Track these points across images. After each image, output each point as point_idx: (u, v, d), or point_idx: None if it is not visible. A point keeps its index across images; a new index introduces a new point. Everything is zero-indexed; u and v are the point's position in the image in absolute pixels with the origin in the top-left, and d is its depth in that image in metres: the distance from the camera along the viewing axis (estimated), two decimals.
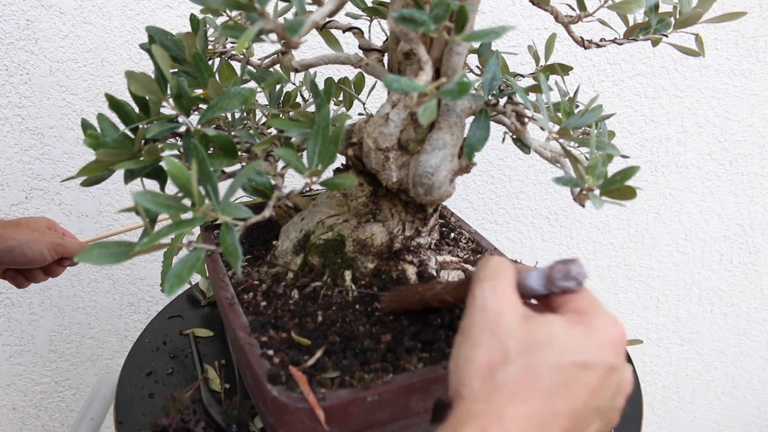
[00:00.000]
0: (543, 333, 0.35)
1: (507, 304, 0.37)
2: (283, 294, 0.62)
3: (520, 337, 0.35)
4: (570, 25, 0.60)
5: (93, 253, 0.38)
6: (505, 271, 0.39)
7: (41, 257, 0.75)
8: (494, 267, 0.39)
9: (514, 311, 0.36)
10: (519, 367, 0.34)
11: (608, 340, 0.36)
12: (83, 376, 1.36)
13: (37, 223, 0.78)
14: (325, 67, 0.64)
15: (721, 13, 0.58)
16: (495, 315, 0.36)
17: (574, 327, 0.36)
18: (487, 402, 0.34)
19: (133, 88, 0.48)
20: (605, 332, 0.36)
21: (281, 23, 0.37)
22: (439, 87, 0.38)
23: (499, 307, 0.36)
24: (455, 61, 0.55)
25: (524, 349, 0.34)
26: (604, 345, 0.35)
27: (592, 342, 0.35)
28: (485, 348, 0.35)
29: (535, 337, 0.35)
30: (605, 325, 0.36)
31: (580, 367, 0.34)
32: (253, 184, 0.45)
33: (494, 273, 0.38)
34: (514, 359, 0.34)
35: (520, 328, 0.35)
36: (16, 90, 1.06)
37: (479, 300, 0.37)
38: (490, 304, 0.37)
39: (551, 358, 0.34)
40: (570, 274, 0.38)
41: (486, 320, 0.36)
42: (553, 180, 0.47)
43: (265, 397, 0.49)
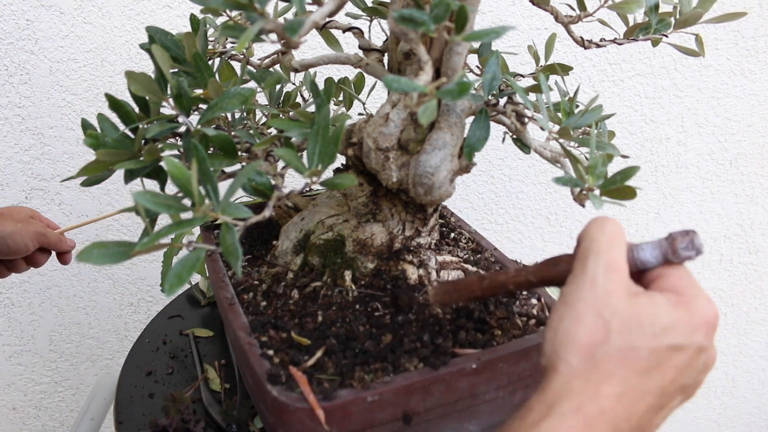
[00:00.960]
0: (646, 314, 0.36)
1: (617, 283, 0.37)
2: (283, 294, 0.62)
3: (625, 317, 0.36)
4: (570, 25, 0.60)
5: (93, 253, 0.38)
6: (621, 243, 0.39)
7: (24, 248, 0.75)
8: (610, 237, 0.39)
9: (623, 289, 0.37)
10: (619, 347, 0.35)
11: (703, 323, 0.36)
12: (83, 376, 1.36)
13: (20, 213, 0.78)
14: (325, 67, 0.64)
15: (721, 13, 0.58)
16: (604, 293, 0.36)
17: (676, 309, 0.36)
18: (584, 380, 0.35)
19: (133, 88, 0.48)
20: (702, 315, 0.37)
21: (281, 23, 0.37)
22: (439, 87, 0.38)
23: (609, 285, 0.37)
24: (455, 61, 0.55)
25: (626, 329, 0.35)
26: (699, 327, 0.36)
27: (689, 324, 0.36)
28: (589, 325, 0.36)
29: (639, 318, 0.36)
30: (702, 308, 0.37)
31: (674, 349, 0.35)
32: (253, 184, 0.45)
33: (610, 245, 0.38)
34: (615, 339, 0.35)
35: (625, 308, 0.36)
36: (16, 90, 1.06)
37: (590, 273, 0.37)
38: (601, 280, 0.37)
39: (651, 341, 0.35)
40: (694, 244, 0.38)
41: (594, 297, 0.37)
42: (553, 180, 0.47)
43: (265, 397, 0.49)
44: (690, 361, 0.36)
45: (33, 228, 0.76)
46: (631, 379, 0.35)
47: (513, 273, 0.47)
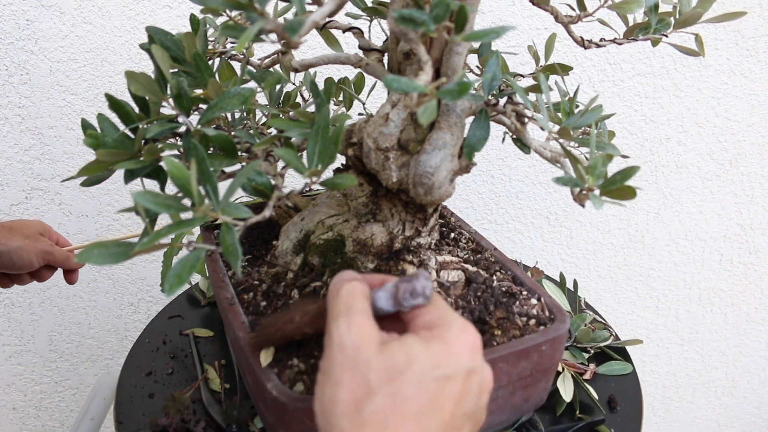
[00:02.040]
0: (401, 357, 0.35)
1: (363, 337, 0.36)
2: (283, 294, 0.62)
3: (380, 366, 0.35)
4: (570, 25, 0.60)
5: (93, 253, 0.38)
6: (357, 301, 0.39)
7: (29, 264, 0.75)
8: (346, 299, 0.39)
9: (371, 341, 0.36)
10: (384, 396, 0.34)
11: (463, 347, 0.37)
12: (83, 376, 1.36)
13: (31, 228, 0.78)
14: (325, 67, 0.64)
15: (721, 13, 0.58)
16: (353, 350, 0.36)
17: (430, 343, 0.36)
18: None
19: (133, 88, 0.48)
20: (459, 340, 0.37)
21: (281, 23, 0.37)
22: (439, 87, 0.38)
23: (357, 341, 0.36)
24: (455, 61, 0.55)
25: (386, 378, 0.34)
26: (460, 353, 0.36)
27: (449, 353, 0.36)
28: (348, 384, 0.35)
29: (395, 362, 0.35)
30: (458, 334, 0.37)
31: (442, 380, 0.35)
32: (253, 184, 0.45)
33: (347, 306, 0.38)
34: (377, 390, 0.34)
35: (378, 358, 0.35)
36: (16, 90, 1.06)
37: (336, 338, 0.37)
38: (347, 341, 0.36)
39: (413, 380, 0.34)
40: (416, 291, 0.38)
41: (345, 357, 0.36)
42: (553, 180, 0.47)
43: (265, 397, 0.49)
44: (463, 387, 0.36)
45: (40, 245, 0.76)
46: (408, 424, 0.33)
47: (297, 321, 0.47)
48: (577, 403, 0.71)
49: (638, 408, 0.73)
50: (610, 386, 0.75)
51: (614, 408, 0.72)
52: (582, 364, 0.78)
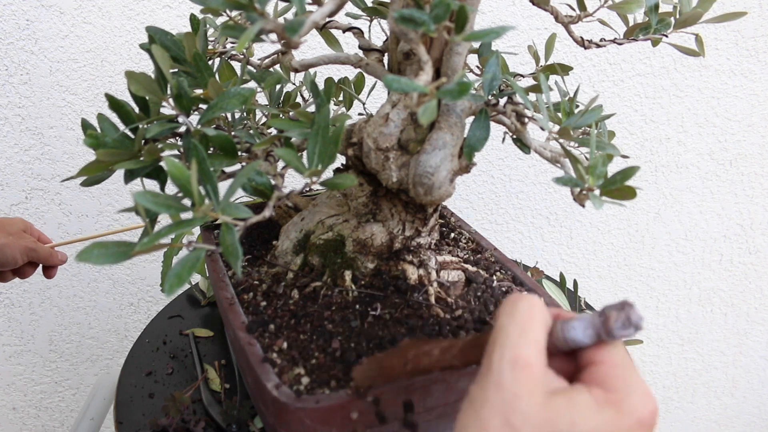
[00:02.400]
0: (563, 420, 0.31)
1: (527, 382, 0.32)
2: (283, 294, 0.62)
3: (537, 423, 0.31)
4: (570, 25, 0.60)
5: (93, 253, 0.38)
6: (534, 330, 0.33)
7: (13, 261, 0.75)
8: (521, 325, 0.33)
9: (535, 390, 0.32)
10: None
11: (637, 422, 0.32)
12: (83, 376, 1.36)
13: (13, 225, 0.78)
14: (325, 67, 0.64)
15: (721, 13, 0.58)
16: (511, 396, 0.31)
17: (601, 410, 0.32)
18: None
19: (133, 88, 0.48)
20: (635, 413, 0.32)
21: (281, 23, 0.37)
22: (439, 87, 0.38)
23: (517, 387, 0.31)
24: (455, 61, 0.55)
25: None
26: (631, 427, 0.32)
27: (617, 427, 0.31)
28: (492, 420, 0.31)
29: (554, 424, 0.31)
30: (637, 405, 0.32)
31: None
32: (253, 184, 0.45)
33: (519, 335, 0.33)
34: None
35: (537, 413, 0.31)
36: (16, 90, 1.06)
37: (495, 373, 0.32)
38: (507, 383, 0.32)
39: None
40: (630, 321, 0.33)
41: (501, 401, 0.31)
42: (553, 180, 0.47)
43: (265, 397, 0.49)
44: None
45: (23, 242, 0.76)
46: None
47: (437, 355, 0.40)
48: None
49: None
50: None
51: None
52: None
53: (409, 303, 0.60)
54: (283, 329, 0.57)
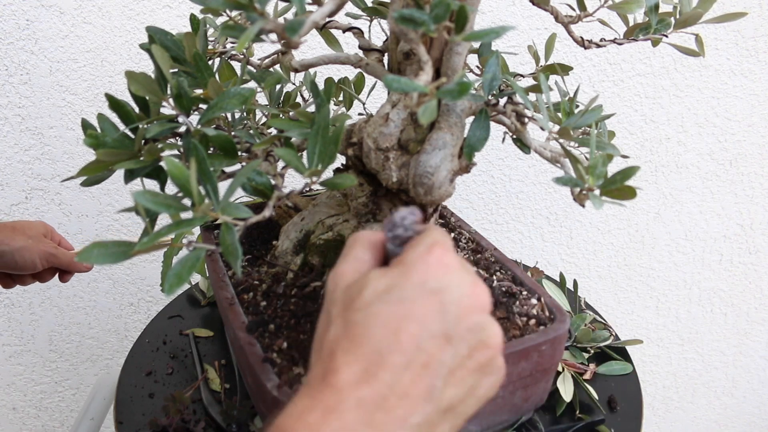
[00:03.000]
0: (356, 287, 0.35)
1: (340, 279, 0.36)
2: (283, 294, 0.62)
3: (340, 300, 0.35)
4: (570, 25, 0.60)
5: (93, 253, 0.38)
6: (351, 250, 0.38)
7: (32, 265, 0.74)
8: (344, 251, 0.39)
9: (344, 283, 0.36)
10: (336, 326, 0.34)
11: (423, 267, 0.34)
12: (83, 376, 1.36)
13: (33, 228, 0.77)
14: (325, 67, 0.64)
15: (721, 13, 0.58)
16: (328, 294, 0.37)
17: (389, 270, 0.35)
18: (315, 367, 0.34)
19: (133, 88, 0.48)
20: (418, 261, 0.34)
21: (281, 23, 0.37)
22: (439, 87, 0.38)
23: (332, 286, 0.37)
24: (455, 61, 0.55)
25: (341, 310, 0.34)
26: (419, 273, 0.34)
27: (405, 275, 0.34)
28: (319, 324, 0.36)
29: (350, 293, 0.35)
30: (419, 255, 0.34)
31: (394, 302, 0.33)
32: (253, 184, 0.45)
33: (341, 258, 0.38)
34: (333, 321, 0.34)
35: (342, 293, 0.35)
36: (16, 90, 1.06)
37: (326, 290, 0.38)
38: (328, 288, 0.37)
39: (362, 305, 0.33)
40: (394, 222, 0.37)
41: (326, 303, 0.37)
42: (553, 180, 0.47)
43: (265, 397, 0.49)
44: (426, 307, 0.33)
45: (43, 246, 0.75)
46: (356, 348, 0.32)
47: None
48: (577, 403, 0.71)
49: (638, 408, 0.73)
50: (610, 386, 0.76)
51: (614, 408, 0.72)
52: (582, 364, 0.78)
53: None
54: (283, 329, 0.57)
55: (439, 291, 0.33)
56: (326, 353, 0.33)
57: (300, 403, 0.32)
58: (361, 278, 0.35)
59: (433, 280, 0.34)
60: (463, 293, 0.34)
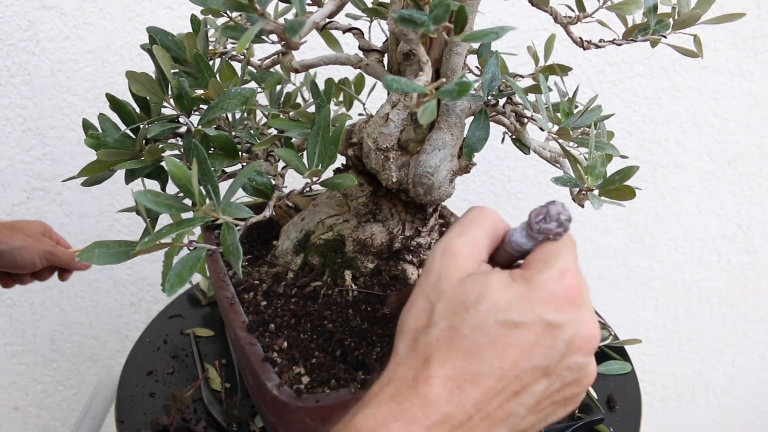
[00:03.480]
0: (473, 292, 0.33)
1: (452, 267, 0.34)
2: (284, 294, 0.62)
3: (450, 298, 0.33)
4: (569, 25, 0.60)
5: (94, 253, 0.39)
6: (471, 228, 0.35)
7: (32, 264, 0.75)
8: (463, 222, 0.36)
9: (457, 272, 0.34)
10: (440, 329, 0.32)
11: (548, 297, 0.32)
12: (84, 376, 1.36)
13: (32, 228, 0.77)
14: (325, 68, 0.64)
15: (719, 14, 0.58)
16: (435, 277, 0.34)
17: (512, 284, 0.33)
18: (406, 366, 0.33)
19: (135, 88, 0.48)
20: (545, 288, 0.32)
21: (281, 24, 0.38)
22: (439, 87, 0.38)
23: (442, 269, 0.34)
24: (455, 62, 0.55)
25: (450, 311, 0.33)
26: (543, 301, 0.32)
27: (528, 300, 0.32)
28: (416, 311, 0.34)
29: (465, 297, 0.33)
30: (547, 280, 0.32)
31: (507, 326, 0.32)
32: (254, 184, 0.46)
33: (458, 231, 0.35)
34: (437, 322, 0.33)
35: (452, 289, 0.33)
36: (18, 91, 1.06)
37: (428, 262, 0.35)
38: (435, 267, 0.35)
39: (475, 320, 0.32)
40: (550, 215, 0.34)
41: (427, 283, 0.35)
42: (552, 180, 0.47)
43: (266, 397, 0.50)
44: (537, 339, 0.32)
45: (42, 245, 0.76)
46: (456, 361, 0.31)
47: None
48: None
49: (637, 407, 0.73)
50: (609, 385, 0.76)
51: (613, 407, 0.72)
52: None
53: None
54: (284, 329, 0.58)
55: (556, 326, 0.32)
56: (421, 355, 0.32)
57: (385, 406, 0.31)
58: (479, 282, 0.33)
59: (554, 314, 0.32)
60: (577, 333, 0.33)
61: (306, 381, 0.51)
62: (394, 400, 0.31)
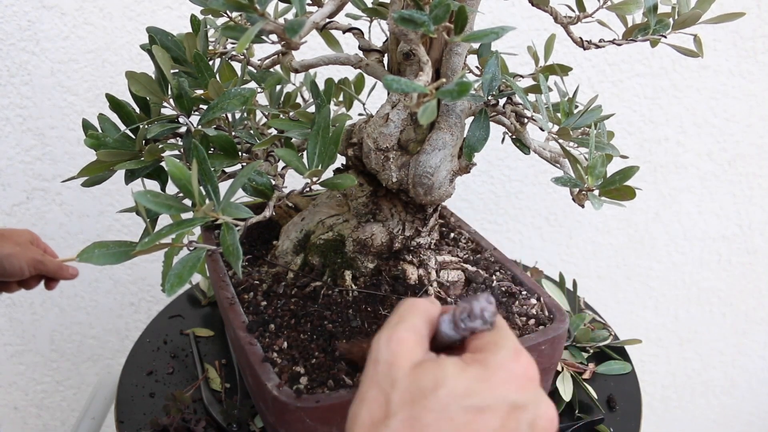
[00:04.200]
0: (429, 379, 0.31)
1: (399, 353, 0.33)
2: (284, 294, 0.62)
3: (405, 387, 0.32)
4: (569, 25, 0.60)
5: (94, 253, 0.39)
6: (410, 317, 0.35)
7: (20, 272, 0.75)
8: (400, 313, 0.36)
9: (406, 360, 0.33)
10: (400, 420, 0.31)
11: (508, 377, 0.32)
12: (84, 376, 1.36)
13: (20, 236, 0.78)
14: (325, 68, 0.64)
15: (719, 13, 0.58)
16: (385, 366, 0.33)
17: (467, 368, 0.32)
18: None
19: (134, 88, 0.48)
20: (504, 368, 0.32)
21: (281, 24, 0.38)
22: (439, 87, 0.38)
23: (390, 358, 0.33)
24: (455, 62, 0.55)
25: (408, 400, 0.31)
26: (504, 382, 0.32)
27: (488, 382, 0.32)
28: (370, 403, 0.32)
29: (421, 385, 0.31)
30: (504, 361, 0.32)
31: (472, 411, 0.31)
32: (254, 184, 0.46)
33: (397, 320, 0.35)
34: (396, 413, 0.31)
35: (406, 377, 0.32)
36: (18, 90, 1.06)
37: (374, 352, 0.34)
38: (382, 356, 0.33)
39: (436, 407, 0.31)
40: (474, 313, 0.34)
41: (375, 373, 0.33)
42: (552, 180, 0.47)
43: (266, 397, 0.50)
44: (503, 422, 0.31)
45: (31, 254, 0.76)
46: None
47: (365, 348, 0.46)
48: (576, 403, 0.71)
49: (637, 407, 0.73)
50: (610, 386, 0.76)
51: (613, 407, 0.72)
52: (581, 363, 0.78)
53: None
54: (284, 329, 0.58)
55: (519, 407, 0.31)
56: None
57: None
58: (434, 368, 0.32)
59: (515, 394, 0.32)
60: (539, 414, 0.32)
61: (306, 381, 0.51)
62: None
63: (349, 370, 0.53)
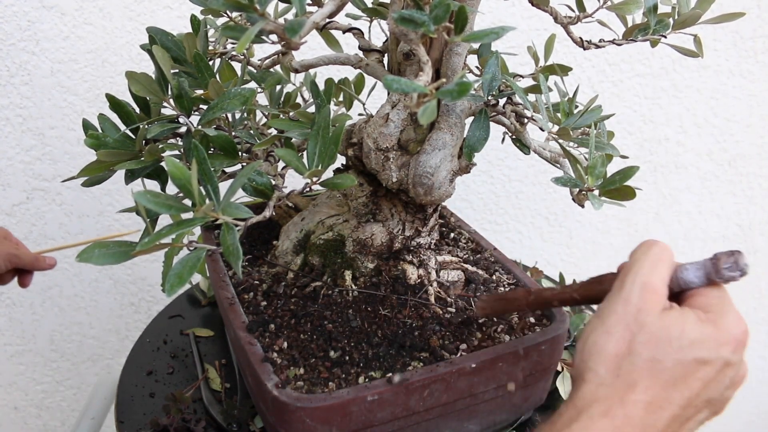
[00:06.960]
0: (674, 328, 0.38)
1: (651, 302, 0.39)
2: (284, 294, 0.62)
3: (652, 330, 0.38)
4: (569, 25, 0.60)
5: (94, 253, 0.39)
6: (663, 267, 0.40)
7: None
8: (653, 260, 0.40)
9: (655, 307, 0.39)
10: (644, 358, 0.37)
11: (730, 338, 0.38)
12: (84, 376, 1.36)
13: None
14: (325, 68, 0.64)
15: (719, 13, 0.58)
16: (635, 310, 0.39)
17: (703, 325, 0.38)
18: (611, 387, 0.38)
19: (134, 88, 0.48)
20: (729, 331, 0.38)
21: (281, 24, 0.38)
22: (439, 87, 0.38)
23: (642, 304, 0.39)
24: (455, 62, 0.55)
25: (652, 342, 0.37)
26: (726, 342, 0.38)
27: (716, 339, 0.38)
28: (617, 338, 0.38)
29: (666, 332, 0.38)
30: (730, 324, 0.39)
31: (700, 362, 0.37)
32: (254, 184, 0.46)
33: (651, 268, 0.40)
34: (641, 351, 0.37)
35: (653, 322, 0.38)
36: (18, 90, 1.06)
37: (626, 292, 0.39)
38: (634, 299, 0.39)
39: (676, 354, 0.37)
40: (738, 264, 0.39)
41: (626, 313, 0.39)
42: (552, 180, 0.47)
43: (266, 397, 0.50)
44: (716, 375, 0.38)
45: (5, 248, 0.76)
46: (656, 389, 0.37)
47: (559, 290, 0.49)
48: None
49: None
50: None
51: None
52: None
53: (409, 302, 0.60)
54: (284, 329, 0.58)
55: (730, 365, 0.39)
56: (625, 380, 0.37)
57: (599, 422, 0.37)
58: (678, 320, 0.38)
59: (731, 355, 0.38)
60: (740, 373, 0.40)
61: (306, 381, 0.51)
62: (607, 416, 0.37)
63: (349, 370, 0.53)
